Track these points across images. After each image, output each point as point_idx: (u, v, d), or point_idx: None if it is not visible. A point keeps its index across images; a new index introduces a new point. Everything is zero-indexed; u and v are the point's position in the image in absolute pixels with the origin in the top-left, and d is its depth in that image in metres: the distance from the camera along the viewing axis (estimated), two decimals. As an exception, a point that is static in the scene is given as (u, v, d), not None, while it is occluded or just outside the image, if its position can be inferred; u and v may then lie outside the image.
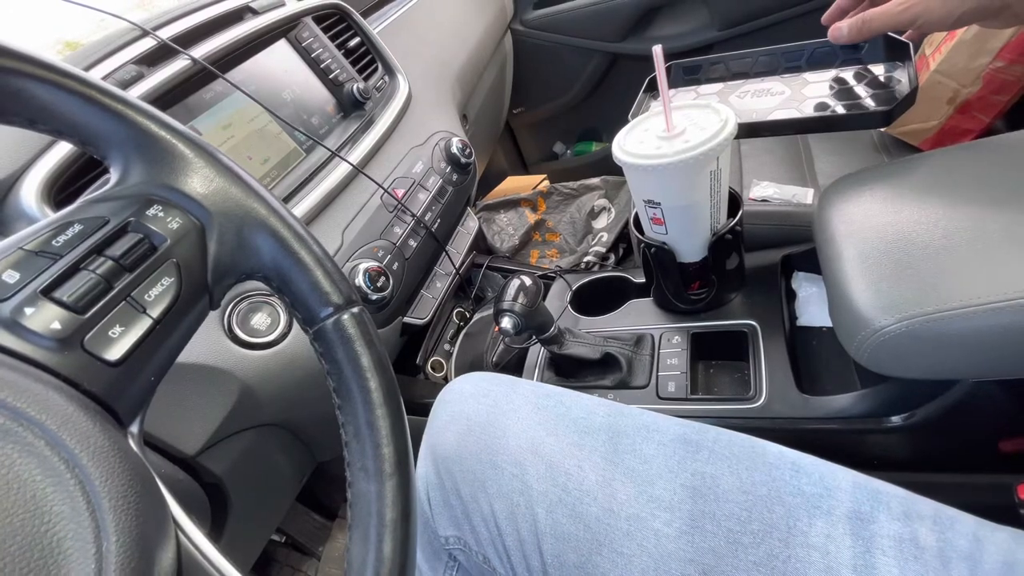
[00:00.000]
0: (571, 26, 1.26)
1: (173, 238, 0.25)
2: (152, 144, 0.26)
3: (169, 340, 0.24)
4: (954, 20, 0.44)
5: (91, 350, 0.21)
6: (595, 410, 0.42)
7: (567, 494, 0.38)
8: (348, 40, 0.75)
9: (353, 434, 0.26)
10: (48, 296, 0.21)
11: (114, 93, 0.26)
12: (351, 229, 0.61)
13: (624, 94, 1.40)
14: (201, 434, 0.47)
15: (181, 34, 0.57)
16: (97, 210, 0.24)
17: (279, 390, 0.52)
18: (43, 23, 0.82)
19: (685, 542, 0.34)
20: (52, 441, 0.18)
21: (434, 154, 0.76)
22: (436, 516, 0.43)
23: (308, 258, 0.28)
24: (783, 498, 0.34)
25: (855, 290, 0.43)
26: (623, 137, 0.53)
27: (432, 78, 0.89)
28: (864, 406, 0.51)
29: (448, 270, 0.77)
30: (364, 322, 0.28)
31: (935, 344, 0.39)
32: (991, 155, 0.49)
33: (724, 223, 0.57)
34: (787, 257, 0.67)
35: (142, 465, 0.20)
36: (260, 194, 0.28)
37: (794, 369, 0.55)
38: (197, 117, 0.55)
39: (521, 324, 0.56)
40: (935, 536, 0.31)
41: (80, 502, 0.17)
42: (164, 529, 0.19)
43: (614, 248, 1.05)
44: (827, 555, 0.31)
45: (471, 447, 0.42)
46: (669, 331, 0.63)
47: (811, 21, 1.12)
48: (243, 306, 0.50)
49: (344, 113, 0.71)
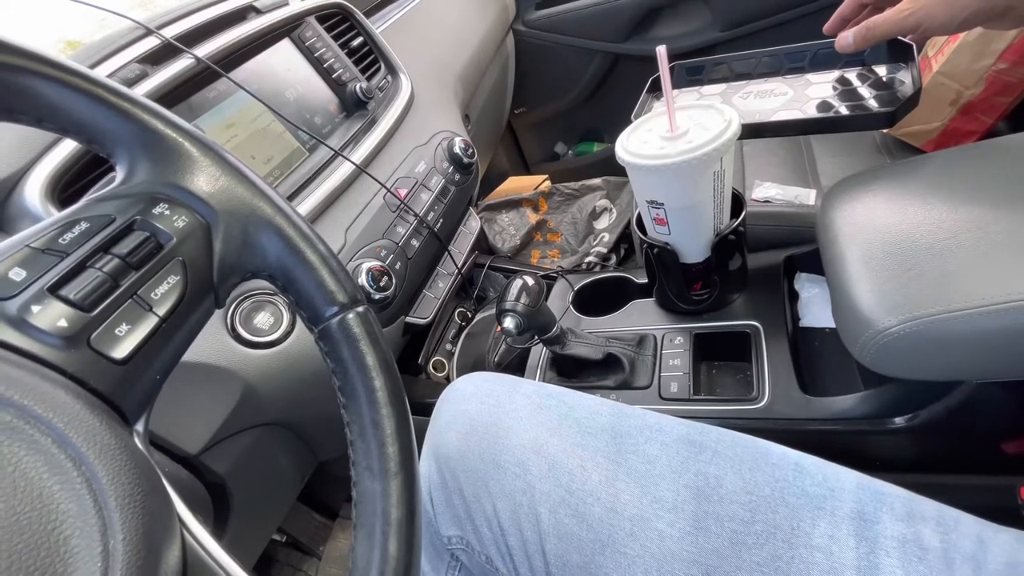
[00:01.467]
0: (573, 26, 1.26)
1: (179, 236, 0.25)
2: (158, 142, 0.26)
3: (175, 338, 0.24)
4: (957, 24, 0.44)
5: (97, 348, 0.21)
6: (598, 410, 0.42)
7: (570, 494, 0.37)
8: (351, 40, 0.75)
9: (358, 433, 0.26)
10: (55, 294, 0.21)
11: (121, 91, 0.26)
12: (354, 228, 0.62)
13: (626, 95, 1.40)
14: (204, 433, 0.47)
15: (185, 33, 0.57)
16: (103, 208, 0.24)
17: (282, 389, 0.52)
18: (45, 22, 0.82)
19: (689, 543, 0.34)
20: (59, 439, 0.18)
21: (436, 154, 0.76)
22: (439, 516, 0.42)
23: (313, 257, 0.28)
24: (786, 499, 0.34)
25: (858, 291, 0.43)
26: (626, 137, 0.53)
27: (435, 78, 0.89)
28: (867, 407, 0.51)
29: (450, 270, 0.77)
30: (369, 321, 0.28)
31: (939, 345, 0.39)
32: (994, 157, 0.49)
33: (727, 224, 0.57)
34: (790, 258, 0.67)
35: (148, 463, 0.20)
36: (266, 193, 0.28)
37: (797, 370, 0.55)
38: (200, 116, 0.55)
39: (523, 324, 0.56)
40: (939, 537, 0.31)
41: (87, 500, 0.17)
42: (170, 527, 0.19)
43: (615, 248, 1.05)
44: (831, 556, 0.31)
45: (474, 447, 0.42)
46: (671, 331, 0.63)
47: (813, 22, 1.12)
48: (246, 305, 0.50)
49: (347, 113, 0.71)
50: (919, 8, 0.44)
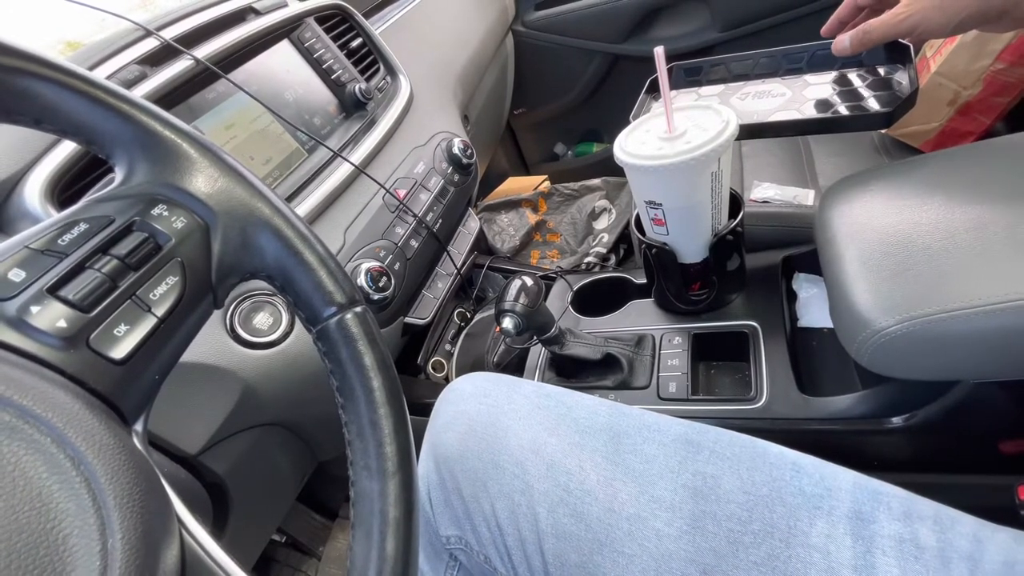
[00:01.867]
0: (572, 27, 1.26)
1: (178, 237, 0.25)
2: (157, 144, 0.26)
3: (174, 339, 0.24)
4: (953, 27, 0.44)
5: (96, 348, 0.21)
6: (596, 410, 0.42)
7: (568, 494, 0.38)
8: (350, 41, 0.75)
9: (356, 433, 0.26)
10: (54, 294, 0.21)
11: (119, 93, 0.26)
12: (353, 229, 0.62)
13: (625, 95, 1.40)
14: (203, 433, 0.47)
15: (184, 34, 0.57)
16: (102, 209, 0.25)
17: (281, 390, 0.52)
18: (44, 23, 0.82)
19: (686, 542, 0.34)
20: (58, 439, 0.18)
21: (436, 155, 0.76)
22: (437, 516, 0.43)
23: (312, 258, 0.28)
24: (784, 498, 0.34)
25: (856, 291, 0.43)
26: (624, 138, 0.54)
27: (434, 79, 0.90)
28: (865, 407, 0.51)
29: (449, 270, 0.78)
30: (367, 322, 0.28)
31: (936, 345, 0.39)
32: (992, 157, 0.49)
33: (725, 224, 0.57)
34: (788, 258, 0.67)
35: (147, 463, 0.20)
36: (264, 194, 0.28)
37: (795, 370, 0.55)
38: (200, 117, 0.55)
39: (522, 324, 0.56)
40: (935, 536, 0.31)
41: (85, 499, 0.17)
42: (168, 527, 0.19)
43: (615, 249, 1.05)
44: (828, 555, 0.32)
45: (472, 447, 0.42)
46: (670, 332, 0.64)
47: (813, 22, 1.13)
48: (245, 306, 0.51)
49: (346, 113, 0.71)
50: (915, 11, 0.45)
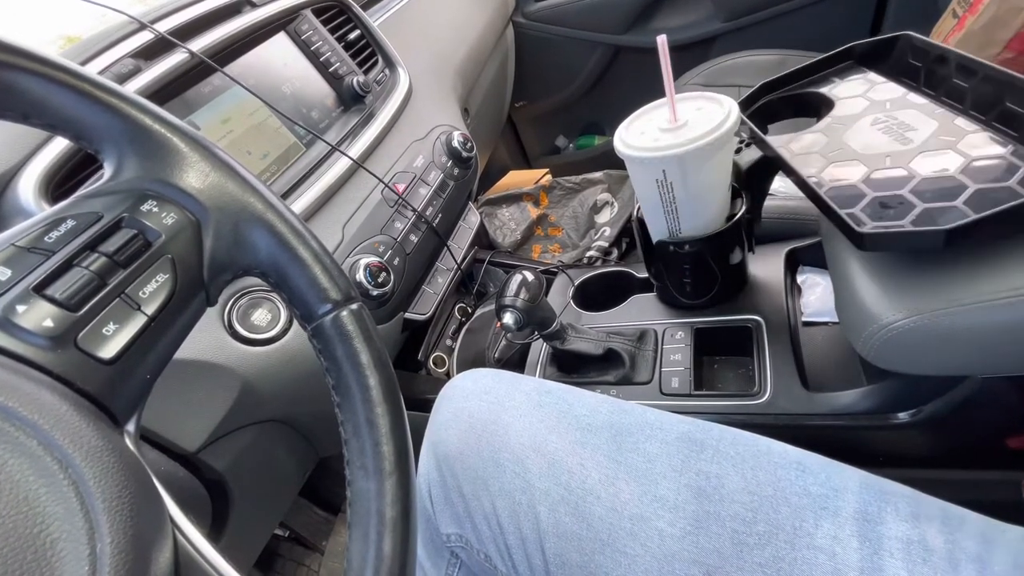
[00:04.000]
0: (573, 18, 1.25)
1: (168, 234, 0.24)
2: (146, 138, 0.26)
3: (164, 337, 0.23)
4: None
5: (84, 348, 0.21)
6: (598, 407, 0.42)
7: (570, 492, 0.37)
8: (348, 33, 0.74)
9: (352, 432, 0.26)
10: (40, 293, 0.21)
11: (107, 86, 0.26)
12: (352, 224, 0.61)
13: (627, 87, 1.39)
14: (202, 431, 0.47)
15: (179, 27, 0.56)
16: (90, 205, 0.24)
17: (280, 386, 0.51)
18: (44, 18, 0.82)
19: (689, 542, 0.34)
20: (45, 441, 0.17)
21: (435, 148, 0.75)
22: (438, 513, 0.42)
23: (306, 254, 0.27)
24: (789, 498, 0.34)
25: (862, 285, 0.42)
26: (624, 129, 0.53)
27: (433, 71, 0.89)
28: (870, 402, 0.50)
29: (450, 265, 0.77)
30: (363, 318, 0.28)
31: (944, 339, 0.38)
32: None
33: (728, 216, 0.56)
34: (792, 251, 0.66)
35: (138, 464, 0.20)
36: (257, 189, 0.27)
37: (799, 365, 0.55)
38: (196, 111, 0.55)
39: (523, 320, 0.56)
40: (943, 538, 0.30)
41: (74, 503, 0.17)
42: (161, 529, 0.19)
43: (617, 243, 1.05)
44: (834, 557, 0.31)
45: (473, 444, 0.41)
46: (672, 326, 0.63)
47: (814, 13, 1.11)
48: (243, 302, 0.50)
49: (344, 107, 0.70)
50: None
